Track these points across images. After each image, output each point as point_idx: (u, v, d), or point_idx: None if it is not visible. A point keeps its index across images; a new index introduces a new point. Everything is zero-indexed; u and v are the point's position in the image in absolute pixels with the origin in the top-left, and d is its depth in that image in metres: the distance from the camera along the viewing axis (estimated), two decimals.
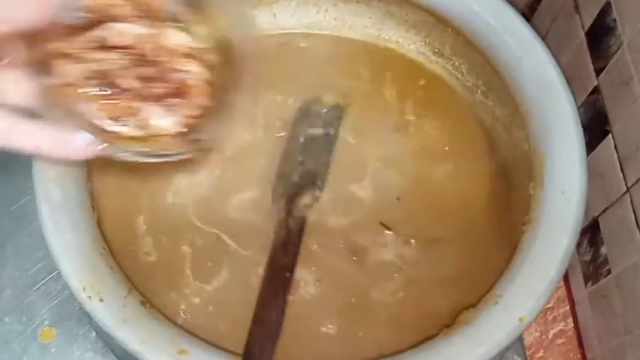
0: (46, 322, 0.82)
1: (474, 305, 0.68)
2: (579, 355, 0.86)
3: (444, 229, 0.80)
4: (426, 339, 0.67)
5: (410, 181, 0.83)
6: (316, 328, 0.74)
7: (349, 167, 0.83)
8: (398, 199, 0.82)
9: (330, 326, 0.74)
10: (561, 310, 0.88)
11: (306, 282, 0.76)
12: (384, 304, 0.76)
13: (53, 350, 0.80)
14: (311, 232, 0.78)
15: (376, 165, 0.83)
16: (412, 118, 0.86)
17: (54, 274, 0.83)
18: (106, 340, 0.78)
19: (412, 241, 0.79)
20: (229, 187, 0.81)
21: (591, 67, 0.81)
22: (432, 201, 0.82)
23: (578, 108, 0.81)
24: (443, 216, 0.81)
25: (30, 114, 0.52)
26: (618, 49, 0.76)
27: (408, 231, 0.79)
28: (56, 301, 0.82)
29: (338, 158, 0.83)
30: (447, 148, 0.85)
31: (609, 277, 0.79)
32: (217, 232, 0.78)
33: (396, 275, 0.77)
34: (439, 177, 0.83)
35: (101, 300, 0.64)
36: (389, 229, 0.79)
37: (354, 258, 0.78)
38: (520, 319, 0.64)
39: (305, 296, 0.76)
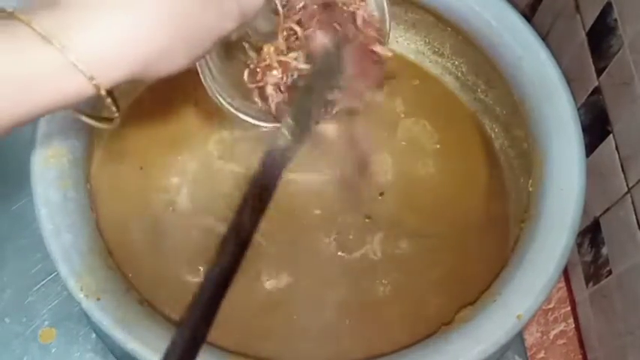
0: (46, 323, 0.81)
1: (472, 303, 0.68)
2: (580, 356, 0.85)
3: (438, 226, 0.80)
4: (425, 337, 0.67)
5: (396, 178, 0.83)
6: (306, 326, 0.74)
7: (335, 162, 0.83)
8: (381, 194, 0.82)
9: (321, 324, 0.74)
10: (562, 311, 0.87)
11: (296, 277, 0.76)
12: (379, 303, 0.76)
13: (53, 351, 0.80)
14: (301, 228, 0.79)
15: None
16: (402, 116, 0.86)
17: (54, 274, 0.83)
18: (105, 341, 0.78)
19: (403, 238, 0.79)
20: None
21: (592, 67, 0.81)
22: (421, 199, 0.82)
23: (579, 108, 0.81)
24: (436, 214, 0.81)
25: None
26: (619, 49, 0.75)
27: (396, 228, 0.80)
28: (56, 301, 0.82)
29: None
30: (437, 146, 0.85)
31: (610, 277, 0.79)
32: (216, 235, 0.78)
33: (391, 273, 0.77)
34: (427, 174, 0.84)
35: (98, 299, 0.64)
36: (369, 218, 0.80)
37: (341, 253, 0.78)
38: (518, 317, 0.63)
39: (295, 293, 0.76)
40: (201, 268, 0.76)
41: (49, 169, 0.70)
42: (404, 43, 0.90)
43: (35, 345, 0.80)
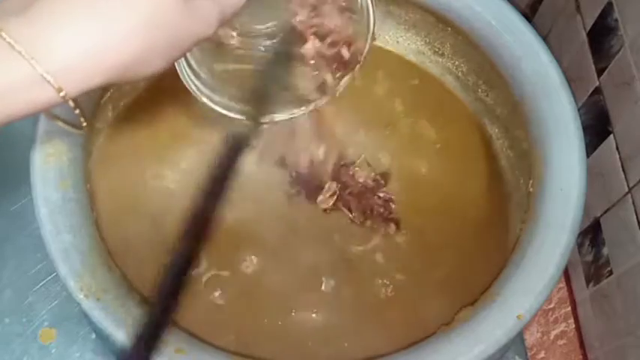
0: (46, 323, 0.81)
1: (472, 303, 0.68)
2: (580, 356, 0.85)
3: (438, 226, 0.80)
4: (425, 337, 0.67)
5: (396, 178, 0.83)
6: (306, 326, 0.74)
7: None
8: (381, 195, 0.82)
9: (321, 325, 0.75)
10: (563, 311, 0.87)
11: (296, 278, 0.77)
12: (379, 303, 0.76)
13: (53, 351, 0.80)
14: (300, 227, 0.79)
15: (363, 160, 0.83)
16: (402, 115, 0.86)
17: (54, 275, 0.83)
18: (105, 341, 0.78)
19: (404, 239, 0.79)
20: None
21: (593, 67, 0.81)
22: (422, 198, 0.82)
23: (580, 108, 0.81)
24: (436, 214, 0.81)
25: None
26: (620, 50, 0.75)
27: (399, 229, 0.80)
28: (56, 302, 0.82)
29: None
30: (438, 146, 0.85)
31: (611, 277, 0.79)
32: (216, 233, 0.78)
33: (391, 273, 0.77)
34: (427, 174, 0.84)
35: (98, 299, 0.64)
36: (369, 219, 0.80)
37: (341, 254, 0.78)
38: (518, 317, 0.63)
39: (295, 293, 0.76)
40: (203, 268, 0.76)
41: (49, 168, 0.69)
42: (404, 43, 0.90)
43: (35, 345, 0.80)
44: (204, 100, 0.66)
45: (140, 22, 0.45)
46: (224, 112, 0.66)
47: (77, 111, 0.48)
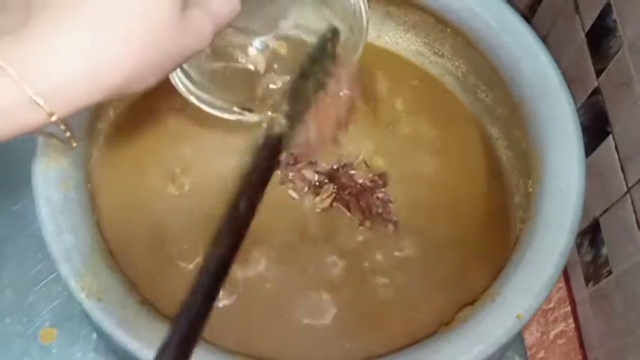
0: (47, 323, 0.81)
1: (472, 303, 0.68)
2: (580, 356, 0.85)
3: (438, 226, 0.80)
4: (425, 337, 0.67)
5: (396, 178, 0.83)
6: (307, 326, 0.74)
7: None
8: (382, 193, 0.82)
9: (322, 325, 0.74)
10: (562, 311, 0.87)
11: (297, 278, 0.77)
12: (379, 303, 0.76)
13: (54, 351, 0.80)
14: (300, 227, 0.79)
15: (361, 160, 0.84)
16: (401, 116, 0.86)
17: (55, 274, 0.83)
18: (107, 341, 0.78)
19: (403, 239, 0.79)
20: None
21: (592, 68, 0.81)
22: (421, 199, 0.82)
23: (579, 109, 0.81)
24: (436, 214, 0.81)
25: None
26: (619, 50, 0.76)
27: (397, 228, 0.80)
28: (57, 301, 0.82)
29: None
30: (437, 147, 0.85)
31: (610, 277, 0.79)
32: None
33: (391, 273, 0.77)
34: (427, 175, 0.84)
35: (99, 299, 0.64)
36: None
37: (342, 254, 0.78)
38: (518, 317, 0.63)
39: (296, 293, 0.76)
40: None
41: (50, 169, 0.69)
42: (404, 44, 0.90)
43: (36, 345, 0.80)
44: (192, 99, 0.66)
45: (137, 40, 0.44)
46: (213, 111, 0.66)
47: (68, 133, 0.48)
